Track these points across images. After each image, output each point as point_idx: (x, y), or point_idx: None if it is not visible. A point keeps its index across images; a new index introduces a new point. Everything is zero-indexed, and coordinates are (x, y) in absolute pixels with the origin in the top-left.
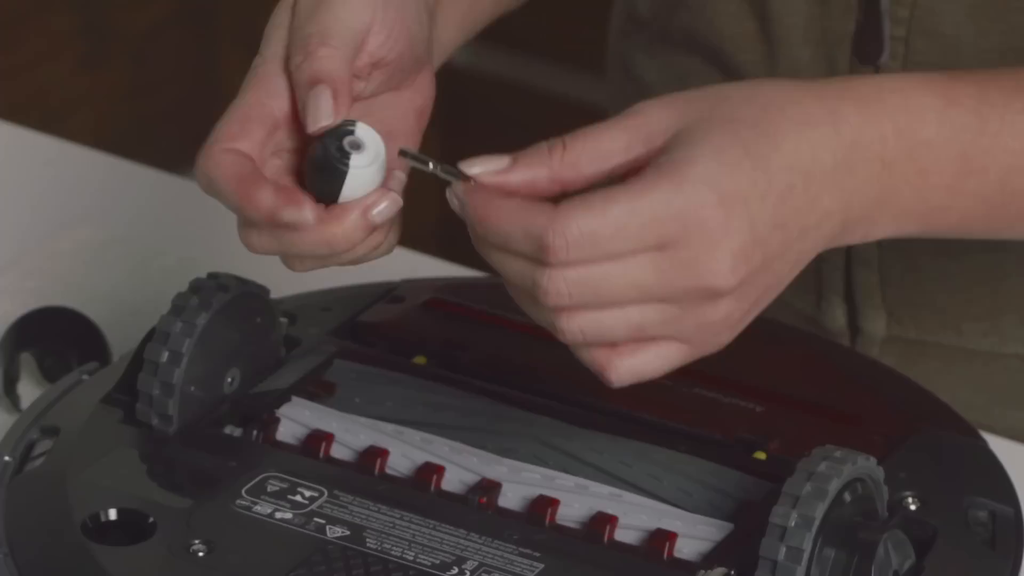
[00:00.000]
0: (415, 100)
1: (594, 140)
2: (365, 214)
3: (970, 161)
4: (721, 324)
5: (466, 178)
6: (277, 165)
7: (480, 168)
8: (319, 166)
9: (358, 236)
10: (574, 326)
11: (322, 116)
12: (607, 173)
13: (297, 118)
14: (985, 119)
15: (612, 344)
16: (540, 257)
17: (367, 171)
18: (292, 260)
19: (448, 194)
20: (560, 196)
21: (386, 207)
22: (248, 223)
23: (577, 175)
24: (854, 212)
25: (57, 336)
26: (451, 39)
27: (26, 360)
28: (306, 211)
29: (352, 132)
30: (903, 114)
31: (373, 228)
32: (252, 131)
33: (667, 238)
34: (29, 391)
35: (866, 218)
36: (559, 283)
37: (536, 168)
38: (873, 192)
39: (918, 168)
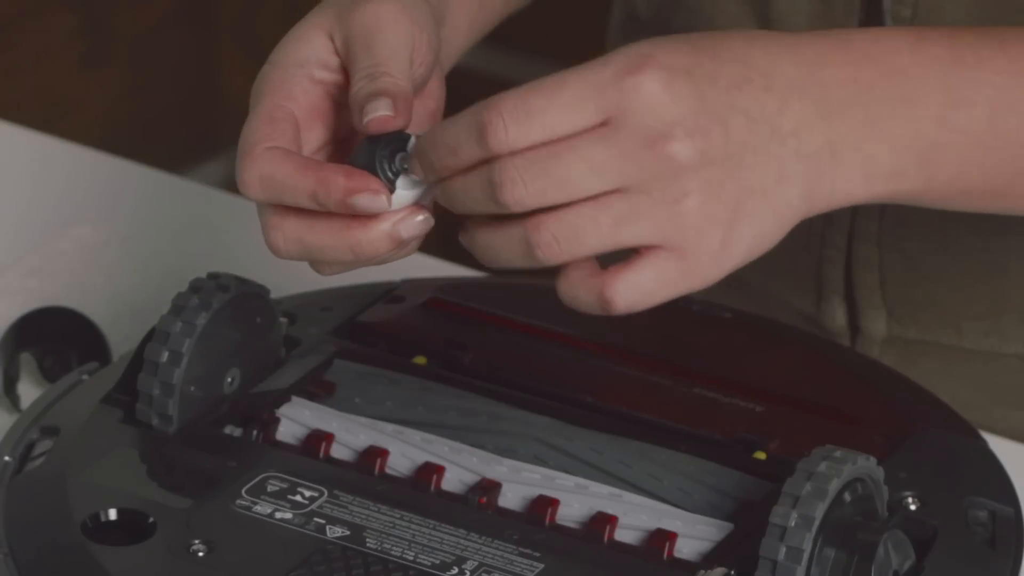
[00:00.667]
0: (427, 104)
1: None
2: (395, 227)
3: (953, 92)
4: (698, 215)
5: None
6: None
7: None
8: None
9: (385, 247)
10: (547, 234)
11: (381, 107)
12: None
13: (315, 121)
14: (960, 53)
15: (600, 267)
16: (484, 144)
17: (410, 194)
18: (320, 265)
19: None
20: None
21: (417, 224)
22: (275, 225)
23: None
24: (839, 134)
25: (57, 336)
26: (462, 42)
27: (26, 360)
28: (383, 198)
29: (405, 148)
30: (872, 44)
31: (400, 242)
32: (284, 129)
33: (606, 106)
34: (29, 391)
35: (857, 148)
36: (509, 169)
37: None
38: (856, 115)
39: (899, 95)
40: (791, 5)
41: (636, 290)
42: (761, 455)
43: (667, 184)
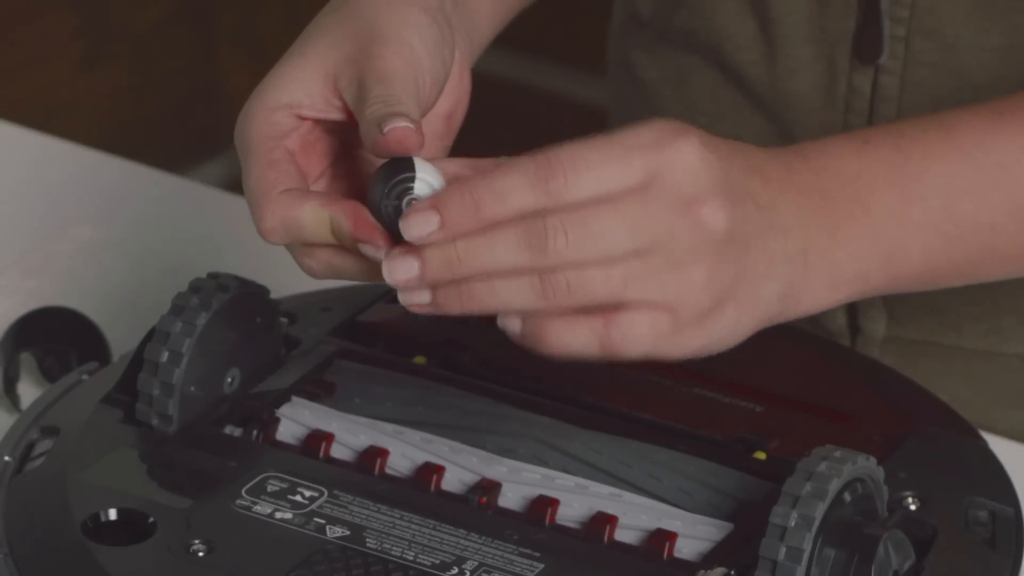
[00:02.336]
0: (443, 105)
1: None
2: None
3: (905, 189)
4: (702, 288)
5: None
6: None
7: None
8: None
9: (411, 272)
10: (560, 279)
11: (400, 121)
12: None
13: (309, 155)
14: (906, 151)
15: (600, 313)
16: (542, 188)
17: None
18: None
19: (413, 227)
20: None
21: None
22: (306, 253)
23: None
24: (812, 240)
25: (57, 336)
26: (484, 35)
27: (26, 360)
28: (382, 251)
29: (411, 188)
30: (822, 154)
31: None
32: (288, 170)
33: (649, 168)
34: (29, 391)
35: (825, 255)
36: (555, 221)
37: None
38: (823, 221)
39: (856, 200)
40: (789, 5)
41: (630, 335)
42: (761, 455)
43: (687, 247)
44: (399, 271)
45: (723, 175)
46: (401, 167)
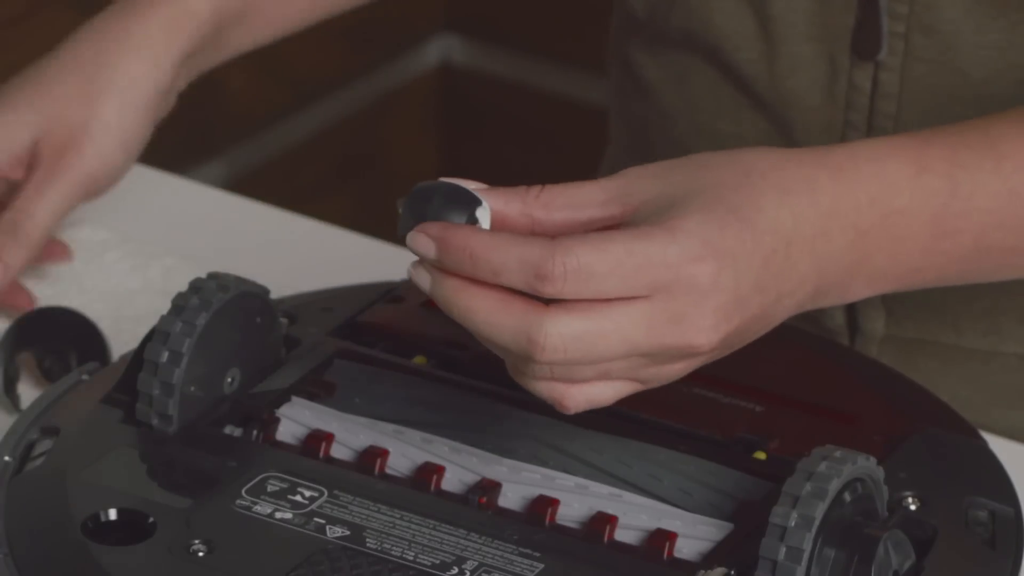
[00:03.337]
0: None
1: (572, 189)
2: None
3: (943, 224)
4: (678, 373)
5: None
6: None
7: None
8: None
9: None
10: (546, 369)
11: None
12: (580, 224)
13: None
14: (957, 183)
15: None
16: (534, 287)
17: None
18: None
19: (413, 244)
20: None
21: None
22: None
23: (548, 216)
24: (828, 279)
25: (57, 336)
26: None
27: (26, 360)
28: None
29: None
30: (876, 183)
31: None
32: None
33: (658, 286)
34: (29, 391)
35: (839, 284)
36: (555, 338)
37: (510, 198)
38: (847, 260)
39: (892, 236)
40: (789, 2)
41: (592, 402)
42: (761, 455)
43: (674, 356)
44: (419, 244)
45: (729, 296)
46: (460, 197)
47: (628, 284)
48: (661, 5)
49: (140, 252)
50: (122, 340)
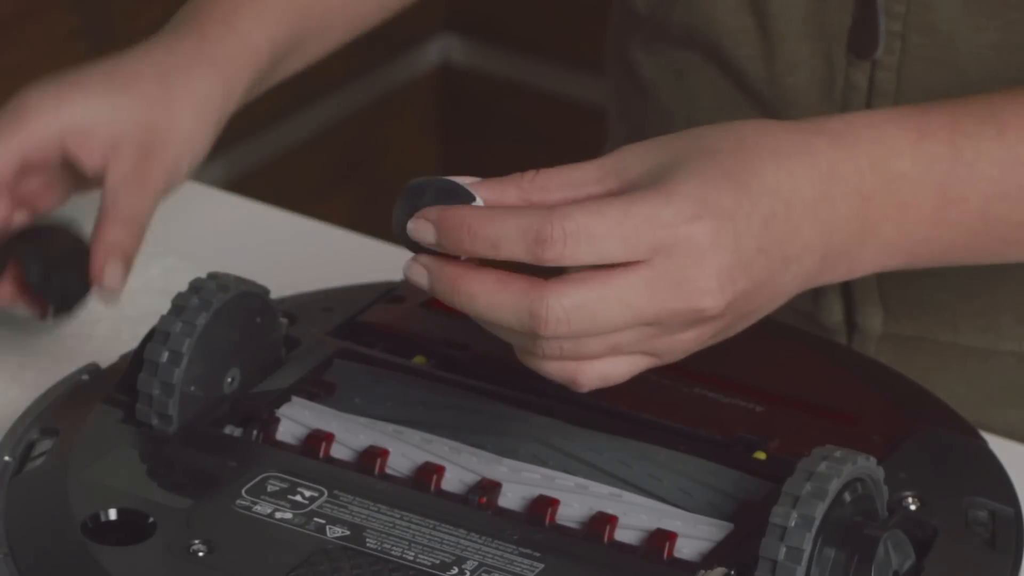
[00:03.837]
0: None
1: (567, 170)
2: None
3: (948, 191)
4: (692, 342)
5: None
6: None
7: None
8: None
9: None
10: (555, 346)
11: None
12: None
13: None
14: (959, 149)
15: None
16: (535, 252)
17: None
18: None
19: (414, 232)
20: None
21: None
22: None
23: (546, 197)
24: (834, 247)
25: (50, 252)
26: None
27: (10, 268)
28: None
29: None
30: (876, 147)
31: None
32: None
33: (657, 246)
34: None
35: (847, 254)
36: (557, 311)
37: (505, 186)
38: (853, 227)
39: (897, 201)
40: (786, 1)
41: (605, 379)
42: (761, 455)
43: (682, 323)
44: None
45: (730, 256)
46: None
47: (627, 246)
48: (663, 1)
49: (140, 252)
50: (122, 340)
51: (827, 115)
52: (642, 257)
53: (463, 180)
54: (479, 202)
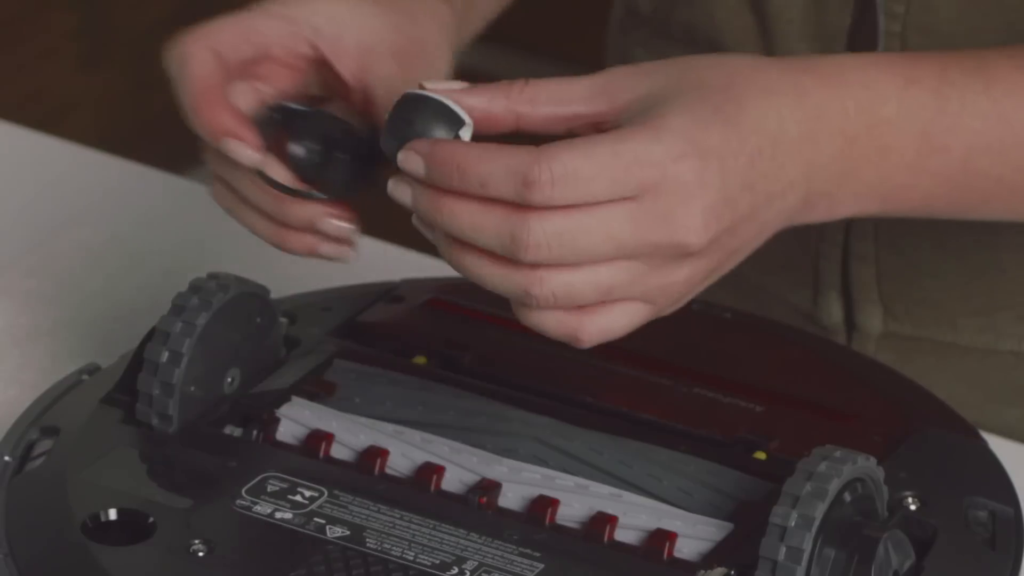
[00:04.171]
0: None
1: (556, 84)
2: (321, 218)
3: (931, 140)
4: (683, 284)
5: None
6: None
7: (438, 85)
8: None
9: (307, 240)
10: (547, 290)
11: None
12: (565, 119)
13: (272, 69)
14: (945, 98)
15: (579, 307)
16: (523, 194)
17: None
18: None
19: (404, 164)
20: (514, 132)
21: (344, 228)
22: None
23: (534, 111)
24: (816, 185)
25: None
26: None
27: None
28: (250, 150)
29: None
30: (863, 91)
31: (320, 236)
32: (243, 49)
33: (645, 185)
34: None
35: (828, 194)
36: (539, 234)
37: (494, 95)
38: (835, 168)
39: (879, 145)
40: (786, 1)
41: (605, 332)
42: (761, 455)
43: (670, 257)
44: (408, 162)
45: (716, 193)
46: (440, 113)
47: (616, 186)
48: (664, 0)
49: (140, 252)
50: (122, 340)
51: (816, 56)
52: (630, 194)
53: (454, 87)
54: (468, 125)
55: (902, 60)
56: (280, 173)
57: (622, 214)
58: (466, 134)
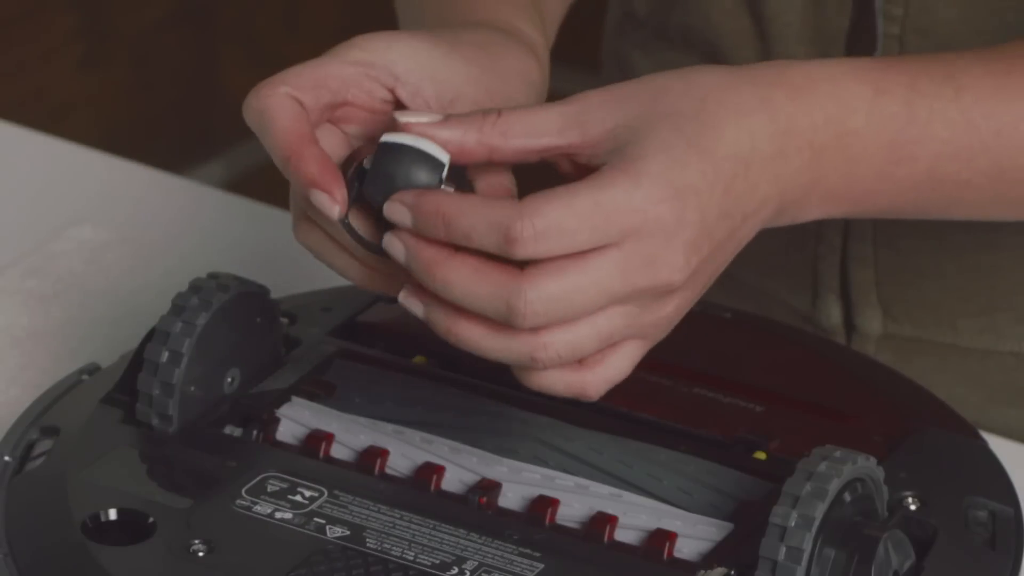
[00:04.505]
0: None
1: (528, 115)
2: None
3: (899, 150)
4: (673, 315)
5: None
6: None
7: (412, 118)
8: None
9: (397, 286)
10: (552, 353)
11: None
12: (537, 151)
13: (352, 112)
14: (914, 109)
15: (580, 362)
16: (505, 249)
17: None
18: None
19: (390, 213)
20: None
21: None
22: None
23: (506, 143)
24: (787, 196)
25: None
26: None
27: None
28: (336, 208)
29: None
30: (833, 102)
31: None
32: (321, 96)
33: (627, 231)
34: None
35: (796, 202)
36: (534, 300)
37: (466, 127)
38: (804, 178)
39: (846, 156)
40: (783, 3)
41: (612, 380)
42: (761, 455)
43: (658, 299)
44: (395, 213)
45: (696, 229)
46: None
47: (598, 234)
48: (663, 3)
49: (140, 252)
50: (122, 340)
51: (786, 63)
52: (612, 241)
53: (425, 120)
54: (445, 164)
55: (873, 68)
56: (365, 225)
57: (609, 265)
58: (445, 171)
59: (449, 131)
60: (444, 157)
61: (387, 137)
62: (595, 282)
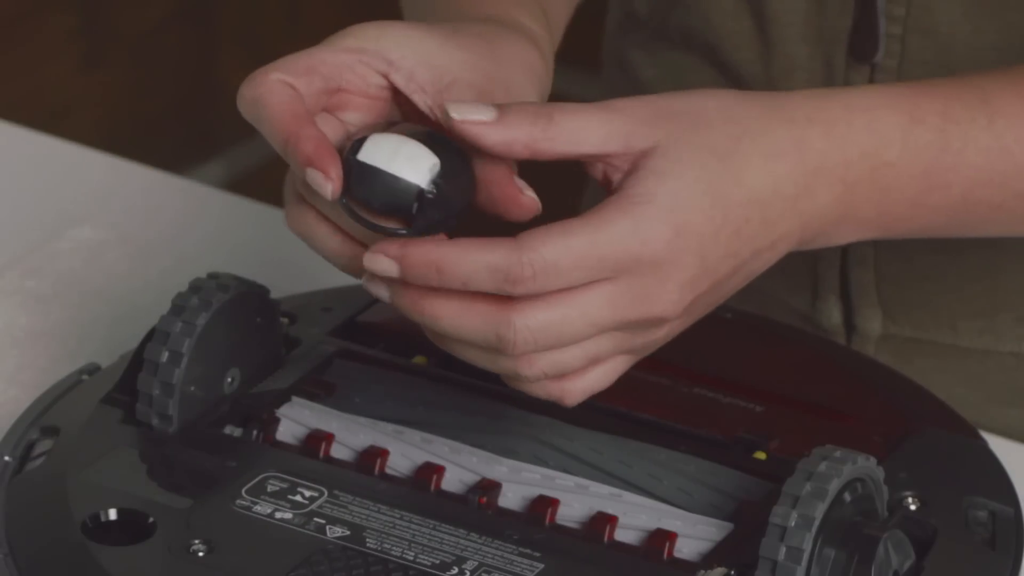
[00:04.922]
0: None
1: (577, 125)
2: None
3: (932, 178)
4: (663, 339)
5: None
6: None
7: (468, 115)
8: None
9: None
10: (537, 370)
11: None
12: (576, 156)
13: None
14: (948, 137)
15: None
16: (506, 290)
17: None
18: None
19: (371, 266)
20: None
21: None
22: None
23: (550, 148)
24: (811, 231)
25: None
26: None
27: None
28: (329, 187)
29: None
30: (868, 136)
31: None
32: (312, 81)
33: (621, 267)
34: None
35: (823, 233)
36: (523, 332)
37: (517, 131)
38: (834, 212)
39: (880, 187)
40: (785, 4)
41: (589, 391)
42: (761, 455)
43: (649, 329)
44: (377, 265)
45: (694, 270)
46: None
47: (592, 272)
48: (663, 3)
49: (140, 252)
50: (122, 340)
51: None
52: (607, 276)
53: (479, 118)
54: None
55: (906, 96)
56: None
57: (600, 299)
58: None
59: (500, 135)
60: (424, 180)
61: (365, 155)
62: (584, 314)
